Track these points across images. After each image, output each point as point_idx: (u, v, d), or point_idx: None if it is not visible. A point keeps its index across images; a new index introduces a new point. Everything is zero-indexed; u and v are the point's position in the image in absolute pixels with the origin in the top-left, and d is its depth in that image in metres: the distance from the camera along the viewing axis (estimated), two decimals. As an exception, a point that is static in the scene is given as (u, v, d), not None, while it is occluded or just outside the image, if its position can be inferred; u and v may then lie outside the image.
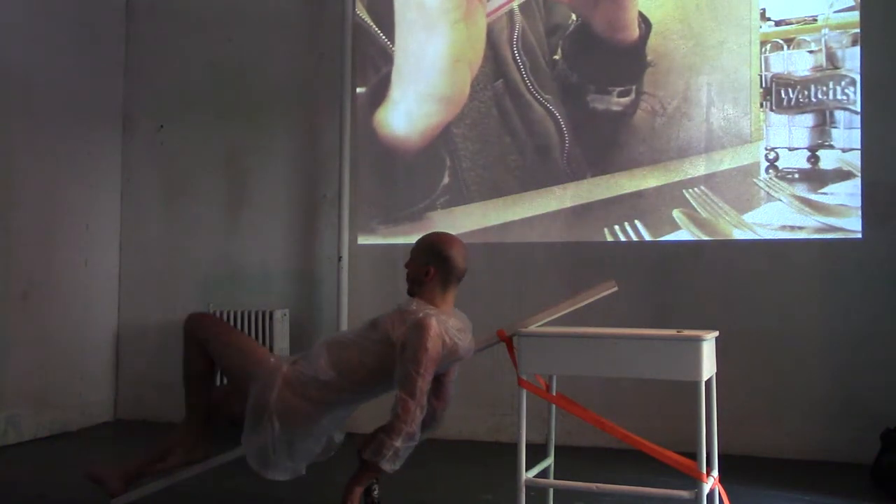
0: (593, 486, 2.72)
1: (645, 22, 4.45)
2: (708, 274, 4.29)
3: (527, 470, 2.66)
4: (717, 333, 2.63)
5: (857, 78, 4.08)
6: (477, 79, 4.75)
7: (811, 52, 4.15)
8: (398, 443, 2.64)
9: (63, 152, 4.87)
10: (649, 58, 4.44)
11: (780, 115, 4.21)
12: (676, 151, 4.39)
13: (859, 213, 4.06)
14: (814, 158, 4.14)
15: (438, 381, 2.97)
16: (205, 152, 5.22)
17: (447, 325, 2.77)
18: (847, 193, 4.10)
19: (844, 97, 4.08)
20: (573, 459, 3.26)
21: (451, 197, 4.77)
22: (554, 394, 2.86)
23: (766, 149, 4.23)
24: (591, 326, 2.82)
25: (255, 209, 5.11)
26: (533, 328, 2.74)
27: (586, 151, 4.54)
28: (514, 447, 2.64)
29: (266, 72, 5.14)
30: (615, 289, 2.90)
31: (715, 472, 2.69)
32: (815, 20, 4.15)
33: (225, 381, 4.19)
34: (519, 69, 4.64)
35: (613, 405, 3.76)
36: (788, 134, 4.18)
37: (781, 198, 4.19)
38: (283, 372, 2.83)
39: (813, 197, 4.15)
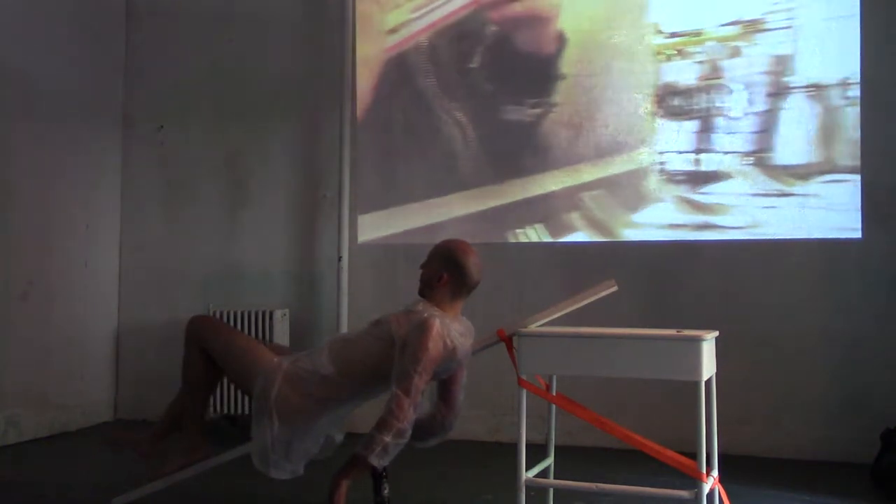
0: (593, 486, 2.72)
1: (561, 37, 4.65)
2: (708, 274, 4.30)
3: (527, 470, 2.66)
4: (717, 333, 2.63)
5: (737, 87, 4.29)
6: (383, 83, 4.91)
7: (697, 62, 4.39)
8: (388, 438, 2.65)
9: (63, 152, 4.87)
10: (563, 70, 4.63)
11: (669, 122, 4.44)
12: (579, 157, 4.59)
13: (738, 211, 4.26)
14: (697, 161, 4.38)
15: (446, 388, 2.97)
16: (205, 152, 5.22)
17: (450, 327, 2.78)
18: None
19: (724, 104, 4.33)
20: (573, 459, 3.26)
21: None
22: (554, 394, 2.86)
23: (657, 153, 4.44)
24: (591, 326, 2.82)
25: (255, 209, 5.12)
26: (533, 328, 2.74)
27: (493, 158, 4.72)
28: (514, 447, 2.64)
29: (266, 72, 5.14)
30: (615, 289, 2.90)
31: (715, 472, 2.69)
32: (701, 34, 4.38)
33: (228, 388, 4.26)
34: (429, 76, 4.86)
35: (613, 405, 3.76)
36: (676, 138, 4.41)
37: (667, 198, 4.41)
38: (284, 369, 2.84)
39: (694, 197, 4.37)
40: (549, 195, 4.62)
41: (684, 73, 4.40)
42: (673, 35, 4.44)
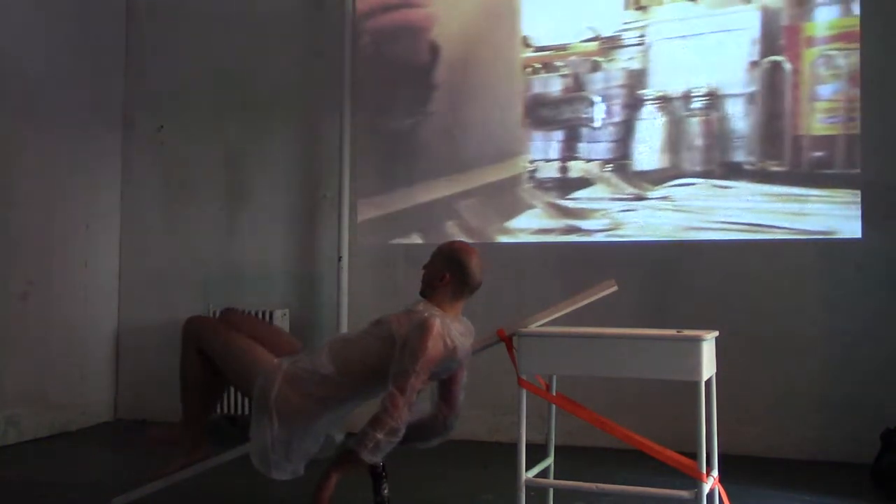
0: (593, 486, 2.72)
1: (434, 49, 4.84)
2: (708, 274, 4.30)
3: (527, 470, 2.66)
4: (717, 333, 2.63)
5: (596, 99, 4.53)
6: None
7: (562, 75, 4.64)
8: (381, 435, 2.65)
9: (63, 152, 4.87)
10: (437, 81, 4.83)
11: (538, 131, 4.68)
12: (454, 167, 4.78)
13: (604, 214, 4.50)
14: (564, 169, 4.61)
15: (447, 388, 2.98)
16: (205, 152, 5.22)
17: (450, 327, 2.79)
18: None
19: (586, 115, 4.58)
20: (573, 459, 3.26)
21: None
22: (554, 394, 2.86)
23: (528, 162, 4.67)
24: (591, 326, 2.82)
25: (255, 209, 5.12)
26: (533, 328, 2.74)
27: (374, 169, 4.92)
28: (514, 447, 2.64)
29: (266, 72, 5.14)
30: (615, 289, 2.90)
31: (715, 472, 2.69)
32: (566, 48, 4.63)
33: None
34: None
35: (613, 405, 3.75)
36: (545, 148, 4.65)
37: (538, 205, 4.63)
38: (284, 369, 2.84)
39: (562, 202, 4.60)
40: (426, 205, 4.81)
41: (551, 85, 4.65)
42: (540, 49, 4.68)
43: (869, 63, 4.08)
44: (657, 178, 4.43)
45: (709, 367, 2.57)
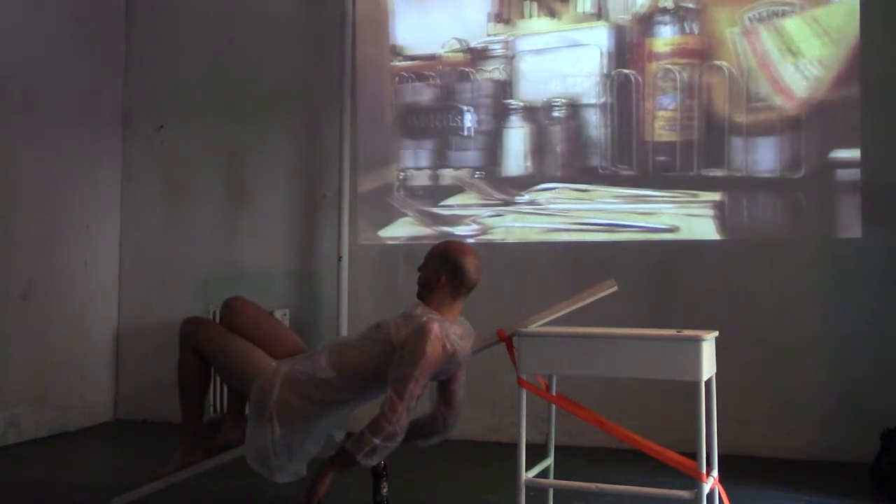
0: (593, 486, 2.73)
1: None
2: (708, 274, 4.30)
3: (527, 470, 2.66)
4: (716, 333, 2.63)
5: (465, 108, 4.71)
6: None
7: (431, 85, 4.81)
8: (378, 440, 2.65)
9: (63, 152, 4.87)
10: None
11: (408, 140, 4.84)
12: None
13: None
14: (434, 177, 4.76)
15: (446, 387, 2.97)
16: (205, 152, 5.22)
17: (449, 331, 2.77)
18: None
19: (455, 124, 4.73)
20: (573, 459, 3.26)
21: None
22: (554, 394, 2.86)
23: (399, 170, 4.84)
24: (591, 326, 2.82)
25: (255, 209, 5.12)
26: (533, 328, 2.74)
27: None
28: (514, 447, 2.64)
29: (266, 72, 5.14)
30: (615, 289, 2.90)
31: (715, 472, 2.69)
32: (435, 58, 4.79)
33: (221, 390, 4.26)
34: None
35: (613, 405, 3.76)
36: (415, 156, 4.83)
37: (409, 212, 4.79)
38: (283, 372, 2.83)
39: (433, 210, 4.77)
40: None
41: (422, 95, 4.82)
42: (411, 58, 4.85)
43: (867, 64, 4.08)
44: (523, 183, 4.63)
45: (709, 367, 2.57)
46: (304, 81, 5.06)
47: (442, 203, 4.73)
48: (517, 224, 4.61)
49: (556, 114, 4.56)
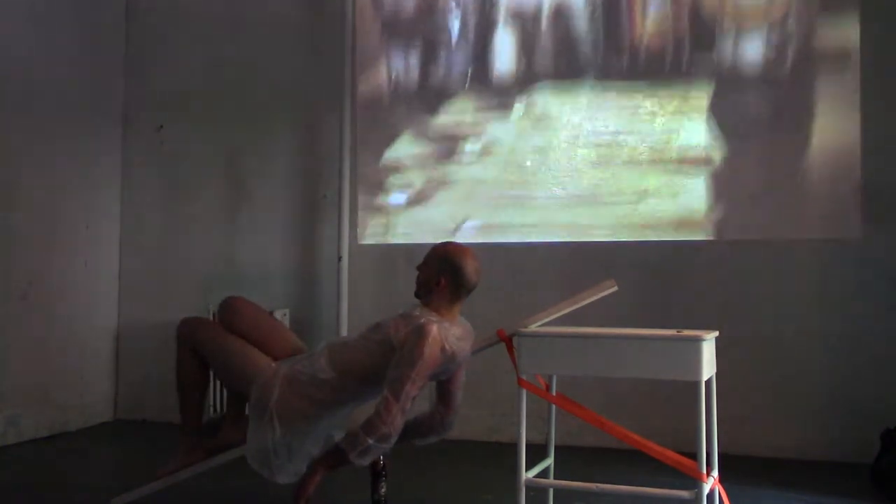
0: (593, 486, 2.72)
1: None
2: (708, 274, 4.29)
3: (527, 470, 2.66)
4: (717, 333, 2.63)
5: (453, 11, 4.69)
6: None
7: None
8: (371, 440, 2.65)
9: (63, 152, 4.87)
10: None
11: (397, 47, 4.93)
12: None
13: None
14: (425, 83, 4.83)
15: (445, 388, 2.97)
16: (205, 152, 5.22)
17: (448, 332, 2.77)
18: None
19: (443, 28, 4.82)
20: (573, 459, 3.26)
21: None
22: (554, 394, 2.86)
23: (390, 75, 4.90)
24: (591, 326, 2.82)
25: (255, 209, 5.11)
26: (533, 328, 2.74)
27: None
28: (514, 447, 2.64)
29: (266, 72, 5.13)
30: (615, 289, 2.90)
31: (715, 472, 2.70)
32: None
33: (221, 389, 4.26)
34: None
35: (613, 405, 3.76)
36: (406, 63, 4.90)
37: (408, 129, 4.81)
38: (283, 373, 2.83)
39: (432, 120, 4.79)
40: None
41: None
42: None
43: (868, 64, 4.09)
44: (514, 84, 4.65)
45: (709, 367, 2.57)
46: (304, 81, 5.06)
47: (438, 111, 4.74)
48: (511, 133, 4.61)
49: (544, 13, 4.60)
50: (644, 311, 4.17)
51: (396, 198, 4.86)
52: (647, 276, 4.35)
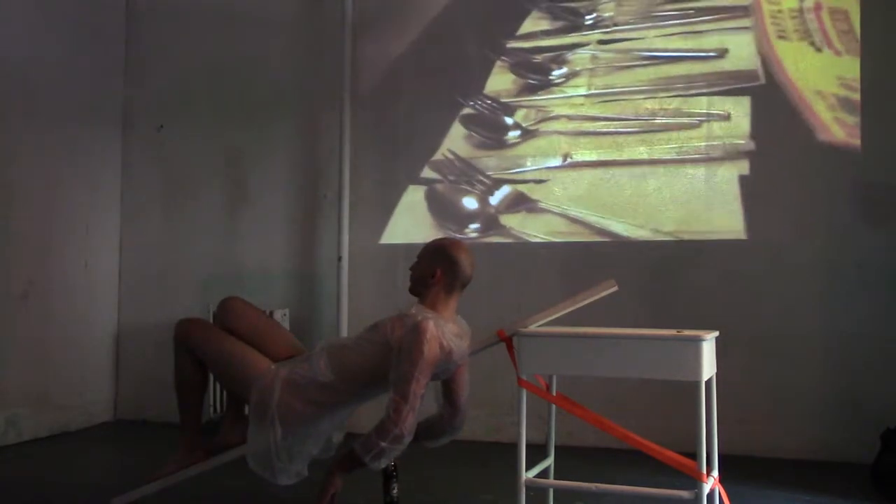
0: (593, 486, 2.72)
1: None
2: (708, 274, 4.29)
3: (527, 470, 2.66)
4: (717, 333, 2.63)
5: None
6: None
7: None
8: (384, 443, 2.64)
9: (63, 152, 4.87)
10: None
11: None
12: None
13: None
14: None
15: (449, 388, 2.97)
16: (205, 152, 5.22)
17: (444, 329, 2.76)
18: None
19: None
20: (573, 459, 3.26)
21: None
22: (554, 394, 2.86)
23: None
24: (591, 326, 2.82)
25: (255, 209, 5.11)
26: (533, 328, 2.74)
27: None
28: (514, 447, 2.64)
29: (266, 72, 5.13)
30: (615, 289, 2.90)
31: (715, 472, 2.70)
32: None
33: (221, 390, 4.25)
34: None
35: (613, 405, 3.76)
36: None
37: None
38: (283, 376, 2.83)
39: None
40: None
41: None
42: None
43: (868, 64, 4.09)
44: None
45: (709, 367, 2.57)
46: (304, 81, 5.06)
47: None
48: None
49: None
50: (644, 311, 4.17)
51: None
52: (647, 275, 4.35)
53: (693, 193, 4.36)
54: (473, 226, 4.73)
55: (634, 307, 4.10)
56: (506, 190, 4.68)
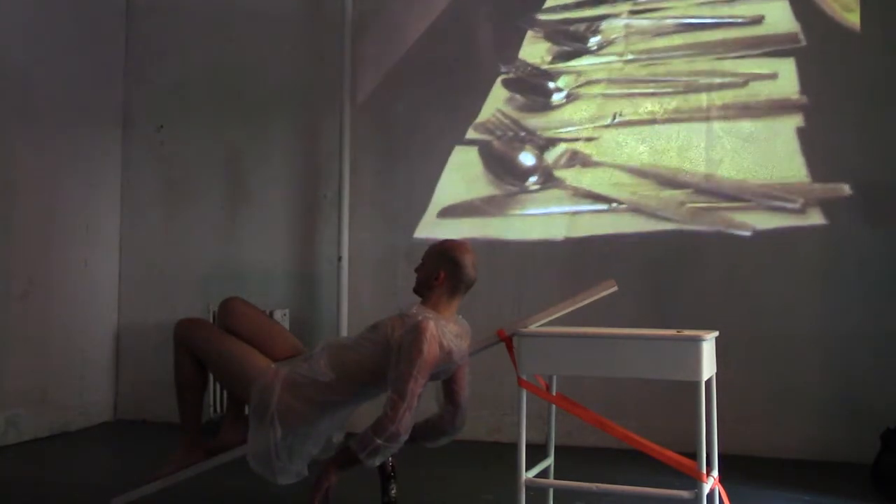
0: (593, 486, 2.72)
1: None
2: (708, 273, 4.30)
3: (527, 470, 2.66)
4: (717, 333, 2.62)
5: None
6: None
7: None
8: (381, 440, 2.64)
9: (63, 152, 4.87)
10: None
11: None
12: None
13: None
14: None
15: (449, 388, 2.97)
16: (205, 152, 5.22)
17: (445, 329, 2.77)
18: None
19: None
20: (573, 459, 3.26)
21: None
22: (554, 394, 2.86)
23: None
24: (591, 326, 2.82)
25: (255, 209, 5.11)
26: (533, 328, 2.74)
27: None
28: (514, 447, 2.64)
29: (266, 72, 5.14)
30: (615, 288, 2.90)
31: (715, 472, 2.69)
32: None
33: (221, 390, 4.25)
34: None
35: (613, 405, 3.76)
36: None
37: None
38: (283, 376, 2.83)
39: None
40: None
41: None
42: None
43: (869, 64, 4.09)
44: None
45: (709, 367, 2.56)
46: (304, 81, 5.06)
47: None
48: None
49: None
50: (644, 310, 4.18)
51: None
52: (647, 275, 4.35)
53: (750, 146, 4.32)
54: (532, 179, 4.67)
55: (634, 307, 4.10)
56: (559, 147, 4.64)
